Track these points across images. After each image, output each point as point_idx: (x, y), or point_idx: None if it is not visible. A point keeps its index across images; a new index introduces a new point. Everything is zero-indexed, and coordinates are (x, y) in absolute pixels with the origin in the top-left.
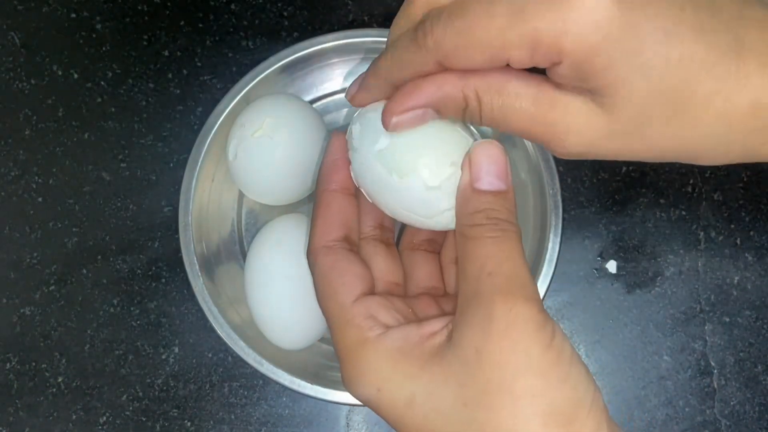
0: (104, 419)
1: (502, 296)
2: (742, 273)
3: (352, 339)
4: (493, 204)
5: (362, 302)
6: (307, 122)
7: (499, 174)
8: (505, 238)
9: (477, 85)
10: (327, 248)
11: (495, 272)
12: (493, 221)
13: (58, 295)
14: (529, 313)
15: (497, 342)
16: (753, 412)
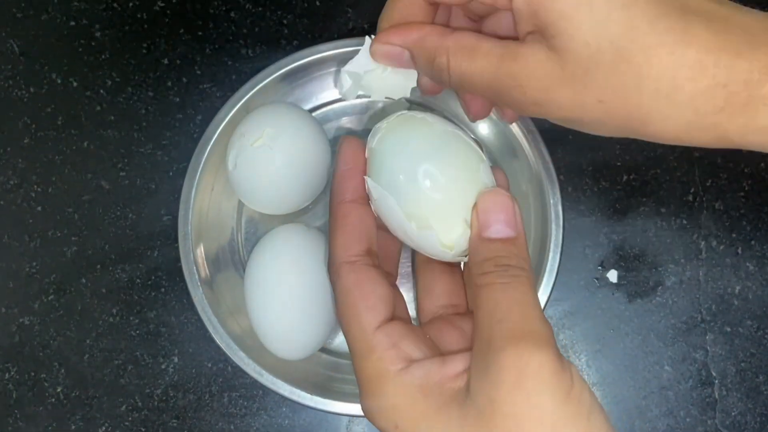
0: (103, 429)
1: (512, 344)
2: (744, 282)
3: (374, 370)
4: (501, 251)
5: (385, 330)
6: (307, 131)
7: (507, 221)
8: (515, 284)
9: (451, 43)
10: (350, 264)
11: (504, 319)
12: (502, 268)
13: (57, 304)
14: (542, 360)
15: (509, 393)
16: (754, 423)
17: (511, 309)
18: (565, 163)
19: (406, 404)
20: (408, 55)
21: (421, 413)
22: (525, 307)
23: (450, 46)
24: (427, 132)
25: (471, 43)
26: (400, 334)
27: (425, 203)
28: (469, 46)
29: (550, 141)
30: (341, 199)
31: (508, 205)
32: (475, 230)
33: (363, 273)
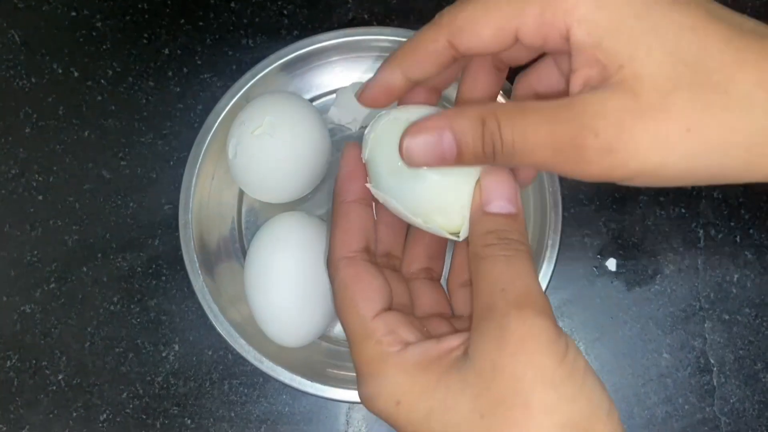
0: (104, 417)
1: (516, 310)
2: (742, 271)
3: (373, 354)
4: (503, 225)
5: (383, 317)
6: (306, 120)
7: (510, 197)
8: (517, 257)
9: (495, 106)
10: (348, 259)
11: (508, 288)
12: (504, 241)
13: (58, 293)
14: (543, 326)
15: (512, 354)
16: (752, 410)
17: (513, 280)
18: None
19: (406, 381)
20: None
21: (422, 386)
22: (527, 279)
23: (497, 108)
24: None
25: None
26: (397, 322)
27: (425, 200)
28: (516, 106)
29: None
30: (342, 199)
31: (511, 182)
32: (477, 204)
33: (361, 267)
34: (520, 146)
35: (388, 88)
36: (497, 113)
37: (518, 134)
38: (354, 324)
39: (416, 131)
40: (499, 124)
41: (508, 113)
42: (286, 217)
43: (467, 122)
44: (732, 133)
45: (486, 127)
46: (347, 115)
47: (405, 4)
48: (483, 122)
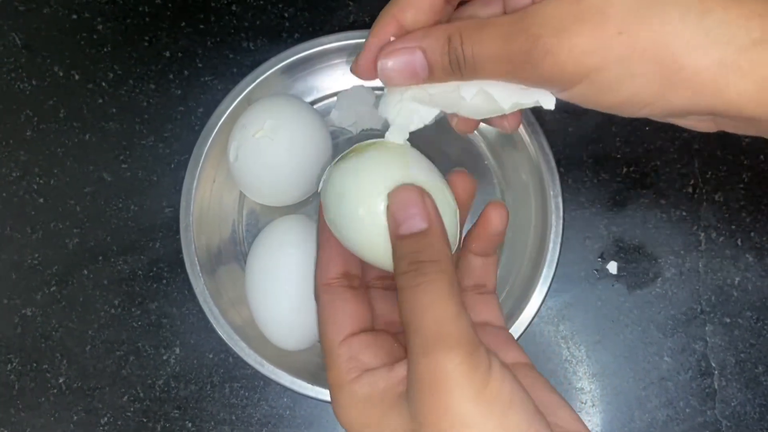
0: (105, 420)
1: (424, 354)
2: (743, 274)
3: (334, 379)
4: (413, 247)
5: (348, 343)
6: (308, 123)
7: (417, 213)
8: (425, 285)
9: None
10: (325, 286)
11: (418, 328)
12: (414, 266)
13: (59, 296)
14: (452, 365)
15: (428, 401)
16: (754, 413)
17: (422, 316)
18: (565, 155)
19: (356, 412)
20: (421, 57)
21: (368, 420)
22: (436, 311)
23: (459, 26)
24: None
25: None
26: (362, 346)
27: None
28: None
29: (550, 133)
30: (322, 226)
31: (415, 198)
32: (391, 230)
33: (336, 294)
34: (480, 59)
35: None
36: (461, 30)
37: (477, 49)
38: (324, 348)
39: (390, 52)
40: (462, 40)
41: (470, 29)
42: (286, 221)
43: (434, 41)
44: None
45: (451, 43)
46: (348, 117)
47: None
48: (449, 39)
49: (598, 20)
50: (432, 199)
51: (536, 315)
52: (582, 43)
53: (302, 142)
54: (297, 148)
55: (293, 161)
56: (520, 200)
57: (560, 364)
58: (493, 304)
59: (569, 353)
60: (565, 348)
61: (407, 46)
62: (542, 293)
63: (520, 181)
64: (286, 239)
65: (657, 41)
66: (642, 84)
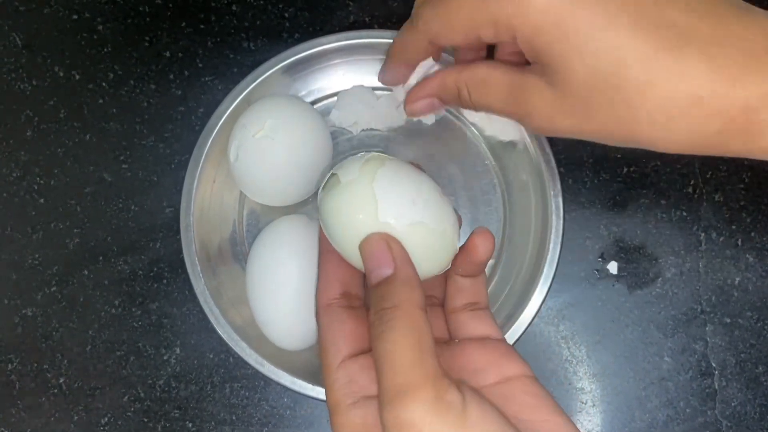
0: (106, 420)
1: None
2: (743, 274)
3: (332, 402)
4: (380, 294)
5: (345, 365)
6: (308, 123)
7: (381, 262)
8: (387, 333)
9: (467, 78)
10: (326, 307)
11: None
12: (378, 315)
13: (59, 296)
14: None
15: None
16: (754, 413)
17: (383, 365)
18: (565, 155)
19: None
20: (438, 102)
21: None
22: (395, 359)
23: (467, 80)
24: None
25: (483, 76)
26: (360, 368)
27: None
28: (481, 79)
29: None
30: (324, 248)
31: (377, 247)
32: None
33: (334, 315)
34: (484, 108)
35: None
36: (468, 84)
37: (482, 102)
38: (323, 370)
39: (415, 99)
40: (469, 93)
41: (475, 85)
42: (287, 220)
43: (447, 93)
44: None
45: (461, 94)
46: (348, 118)
47: (406, 7)
48: (458, 92)
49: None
50: (399, 244)
51: (536, 315)
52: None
53: (302, 142)
54: (297, 148)
55: (293, 161)
56: (520, 200)
57: (560, 364)
58: (487, 318)
59: (569, 353)
60: (566, 348)
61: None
62: (542, 293)
63: (520, 181)
64: (286, 239)
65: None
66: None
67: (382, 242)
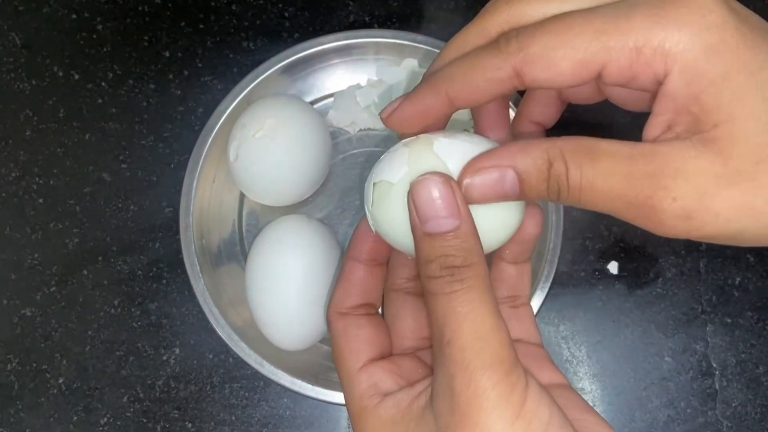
0: (105, 420)
1: (461, 370)
2: (744, 274)
3: (355, 407)
4: (444, 249)
5: (367, 370)
6: (308, 123)
7: (447, 210)
8: (461, 294)
9: (563, 146)
10: (340, 314)
11: (453, 340)
12: (447, 272)
13: (58, 296)
14: (492, 383)
15: (462, 420)
16: (755, 414)
17: (459, 327)
18: None
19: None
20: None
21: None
22: (474, 323)
23: (564, 148)
24: None
25: (590, 143)
26: (382, 372)
27: None
28: (588, 147)
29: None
30: (351, 255)
31: (443, 190)
32: (414, 225)
33: (350, 320)
34: (588, 194)
35: (425, 112)
36: (565, 155)
37: (587, 181)
38: (342, 376)
39: (477, 169)
40: (567, 167)
41: (578, 156)
42: (287, 220)
43: (532, 162)
44: None
45: (553, 169)
46: (345, 118)
47: (406, 6)
48: (550, 164)
49: (750, 187)
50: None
51: (537, 315)
52: (729, 210)
53: (302, 142)
54: (297, 148)
55: (293, 161)
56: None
57: (561, 365)
58: (528, 317)
59: (570, 353)
60: (566, 348)
61: (499, 164)
62: (543, 293)
63: None
64: (286, 239)
65: None
66: None
67: (446, 185)
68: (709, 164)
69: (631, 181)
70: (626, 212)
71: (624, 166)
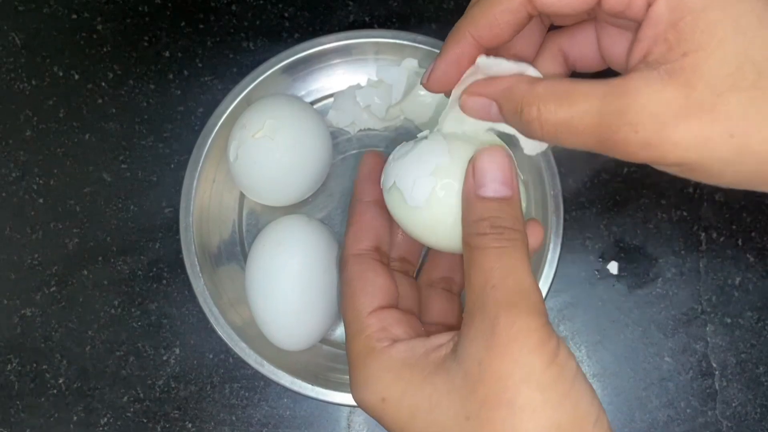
0: (105, 420)
1: (506, 310)
2: (744, 274)
3: (361, 348)
4: (497, 212)
5: (378, 314)
6: (308, 123)
7: (505, 180)
8: (510, 248)
9: (544, 90)
10: (356, 256)
11: (499, 285)
12: (497, 230)
13: (59, 296)
14: (533, 327)
15: (499, 356)
16: (755, 414)
17: (506, 276)
18: (565, 155)
19: (391, 377)
20: (495, 108)
21: (407, 383)
22: (519, 275)
23: (540, 93)
24: None
25: (566, 88)
26: (393, 320)
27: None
28: (564, 91)
29: None
30: (359, 198)
31: (506, 163)
32: (470, 187)
33: (367, 264)
34: (564, 132)
35: (458, 62)
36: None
37: (563, 123)
38: (350, 318)
39: (471, 93)
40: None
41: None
42: (287, 220)
43: (510, 104)
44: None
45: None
46: (345, 118)
47: (406, 6)
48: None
49: (708, 119)
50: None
51: None
52: (687, 140)
53: (302, 142)
54: (297, 148)
55: (293, 161)
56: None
57: None
58: None
59: None
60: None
61: (486, 95)
62: (543, 293)
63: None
64: (286, 239)
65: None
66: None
67: (506, 158)
68: (672, 96)
69: (603, 117)
70: (599, 146)
71: (598, 104)
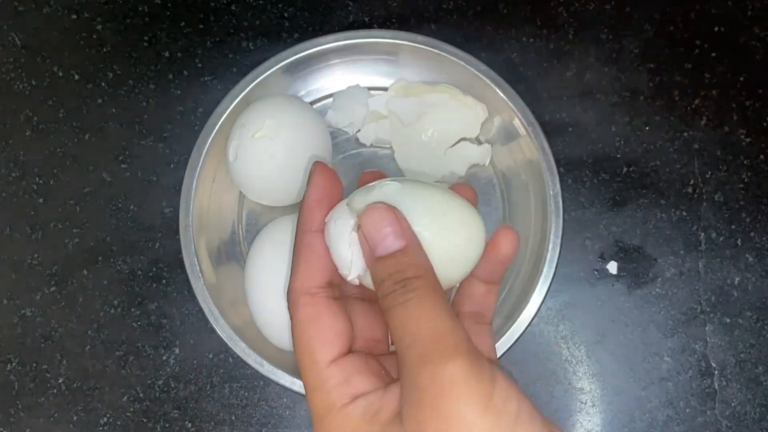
0: (105, 420)
1: (424, 364)
2: (743, 274)
3: (323, 403)
4: (396, 266)
5: (339, 364)
6: (307, 123)
7: (394, 233)
8: (415, 298)
9: None
10: (309, 296)
11: (413, 342)
12: (399, 285)
13: (58, 296)
14: (456, 373)
15: (433, 414)
16: (754, 413)
17: (418, 327)
18: (565, 155)
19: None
20: None
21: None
22: (431, 321)
23: None
24: None
25: None
26: (354, 369)
27: None
28: None
29: (550, 133)
30: (308, 228)
31: (389, 216)
32: (367, 252)
33: (322, 306)
34: None
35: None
36: None
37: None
38: (309, 369)
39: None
40: None
41: None
42: (286, 220)
43: None
44: None
45: None
46: (345, 118)
47: (405, 7)
48: None
49: None
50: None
51: (536, 315)
52: None
53: (302, 142)
54: (297, 148)
55: (293, 161)
56: (520, 200)
57: (560, 364)
58: (488, 335)
59: (569, 353)
60: (565, 348)
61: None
62: (542, 293)
63: (520, 181)
64: (286, 239)
65: None
66: None
67: (390, 212)
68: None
69: None
70: None
71: None
